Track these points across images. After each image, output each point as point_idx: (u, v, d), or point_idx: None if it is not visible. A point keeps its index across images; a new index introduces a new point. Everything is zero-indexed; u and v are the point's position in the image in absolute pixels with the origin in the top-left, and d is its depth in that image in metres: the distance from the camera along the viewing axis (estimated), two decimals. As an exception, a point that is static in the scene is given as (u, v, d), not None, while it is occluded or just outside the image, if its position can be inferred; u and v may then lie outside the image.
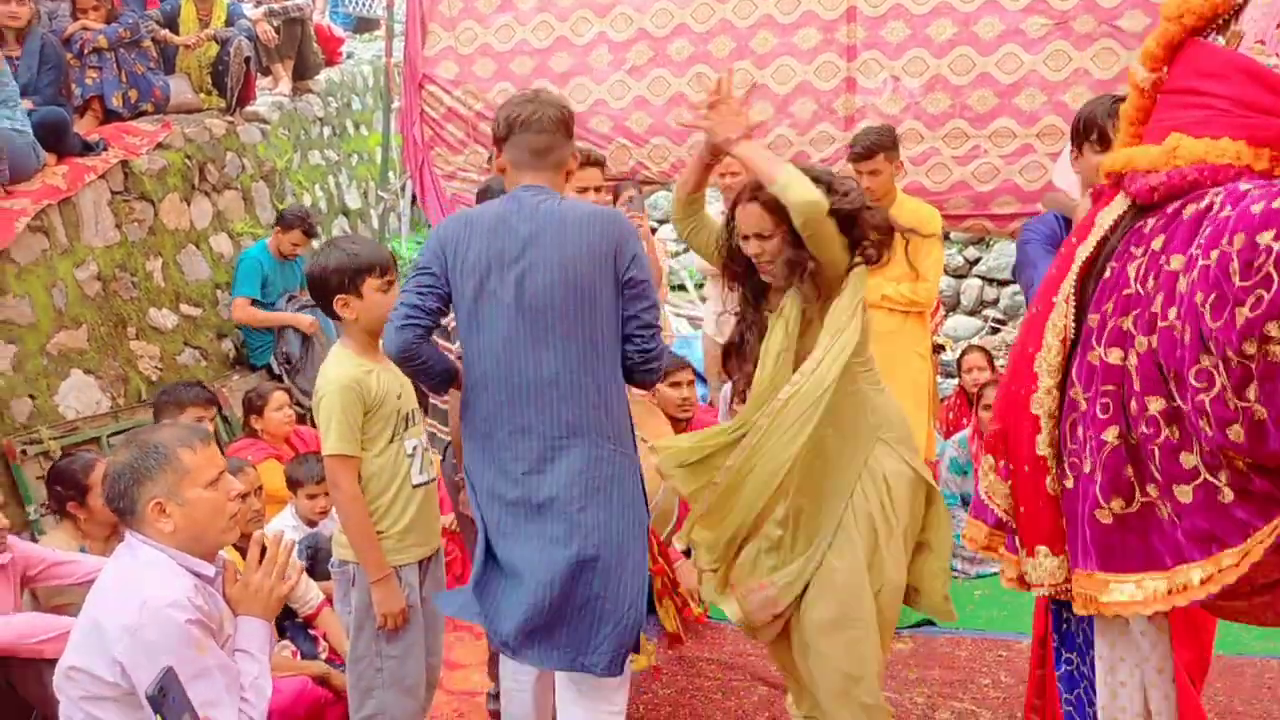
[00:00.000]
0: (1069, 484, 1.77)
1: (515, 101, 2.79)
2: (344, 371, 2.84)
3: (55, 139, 5.33)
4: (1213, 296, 1.44)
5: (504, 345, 2.66)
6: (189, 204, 6.23)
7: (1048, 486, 1.81)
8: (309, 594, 3.94)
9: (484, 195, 3.68)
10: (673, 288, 8.51)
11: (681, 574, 4.35)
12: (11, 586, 3.28)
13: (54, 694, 2.31)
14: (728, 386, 5.38)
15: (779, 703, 3.63)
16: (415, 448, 2.96)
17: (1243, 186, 1.51)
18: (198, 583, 2.32)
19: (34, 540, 3.95)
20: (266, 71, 7.91)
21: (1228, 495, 1.59)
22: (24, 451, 4.51)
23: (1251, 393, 1.46)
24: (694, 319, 8.64)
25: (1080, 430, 1.72)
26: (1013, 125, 5.95)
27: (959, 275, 10.23)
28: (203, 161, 6.42)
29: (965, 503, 5.22)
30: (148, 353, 5.53)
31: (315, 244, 6.20)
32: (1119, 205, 1.78)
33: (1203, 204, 1.56)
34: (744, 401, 2.94)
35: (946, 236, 9.00)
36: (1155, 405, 1.59)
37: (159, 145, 6.07)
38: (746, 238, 2.87)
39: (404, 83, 7.19)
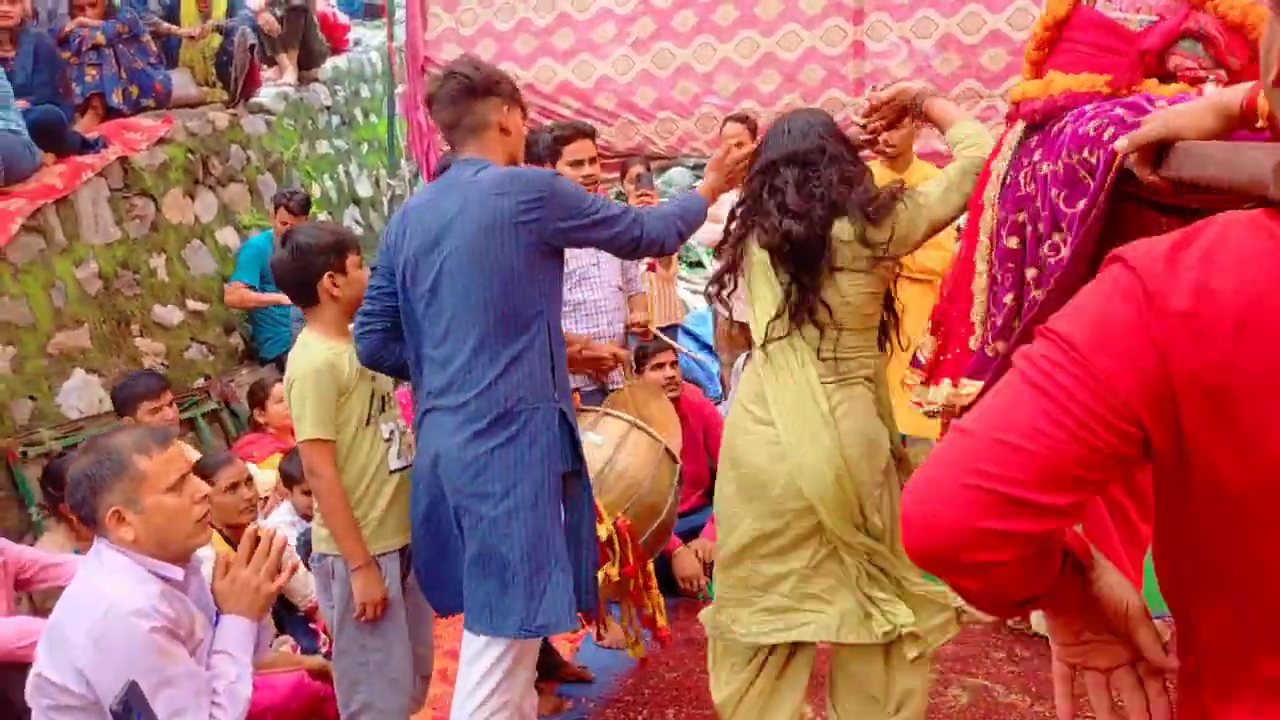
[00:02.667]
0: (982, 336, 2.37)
1: (428, 81, 2.79)
2: (314, 355, 2.79)
3: (52, 138, 5.28)
4: (1065, 193, 2.03)
5: (427, 345, 2.67)
6: (193, 198, 6.18)
7: (970, 344, 2.40)
8: (307, 587, 3.89)
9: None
10: (689, 264, 8.38)
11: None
12: (4, 590, 3.25)
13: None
14: (741, 359, 5.28)
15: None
16: (392, 431, 2.89)
17: (1087, 108, 2.05)
18: (165, 588, 2.26)
19: (34, 542, 3.93)
20: (271, 62, 7.85)
21: None
22: (24, 453, 4.48)
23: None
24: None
25: (995, 297, 2.31)
26: (1026, 84, 5.77)
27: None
28: (206, 155, 6.36)
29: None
30: (153, 350, 5.49)
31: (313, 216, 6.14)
32: (1018, 127, 2.32)
33: (1062, 122, 2.12)
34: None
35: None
36: (1031, 274, 2.16)
37: (160, 140, 6.01)
38: None
39: (407, 67, 7.10)
